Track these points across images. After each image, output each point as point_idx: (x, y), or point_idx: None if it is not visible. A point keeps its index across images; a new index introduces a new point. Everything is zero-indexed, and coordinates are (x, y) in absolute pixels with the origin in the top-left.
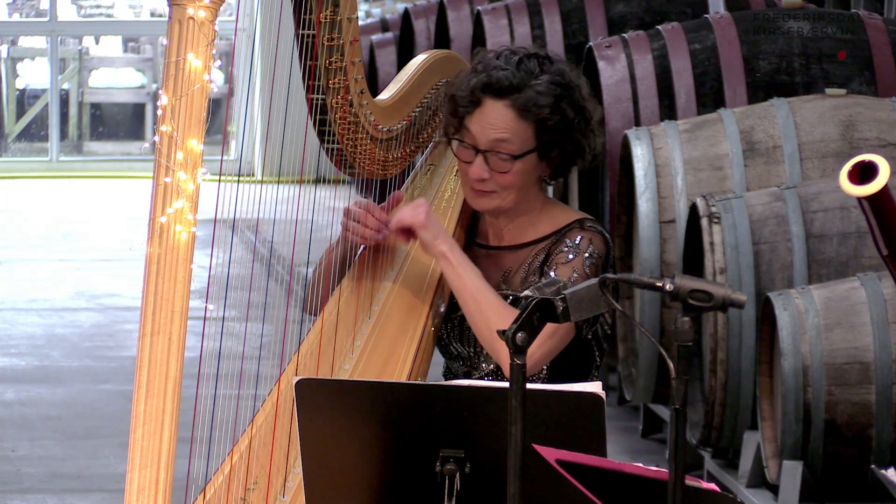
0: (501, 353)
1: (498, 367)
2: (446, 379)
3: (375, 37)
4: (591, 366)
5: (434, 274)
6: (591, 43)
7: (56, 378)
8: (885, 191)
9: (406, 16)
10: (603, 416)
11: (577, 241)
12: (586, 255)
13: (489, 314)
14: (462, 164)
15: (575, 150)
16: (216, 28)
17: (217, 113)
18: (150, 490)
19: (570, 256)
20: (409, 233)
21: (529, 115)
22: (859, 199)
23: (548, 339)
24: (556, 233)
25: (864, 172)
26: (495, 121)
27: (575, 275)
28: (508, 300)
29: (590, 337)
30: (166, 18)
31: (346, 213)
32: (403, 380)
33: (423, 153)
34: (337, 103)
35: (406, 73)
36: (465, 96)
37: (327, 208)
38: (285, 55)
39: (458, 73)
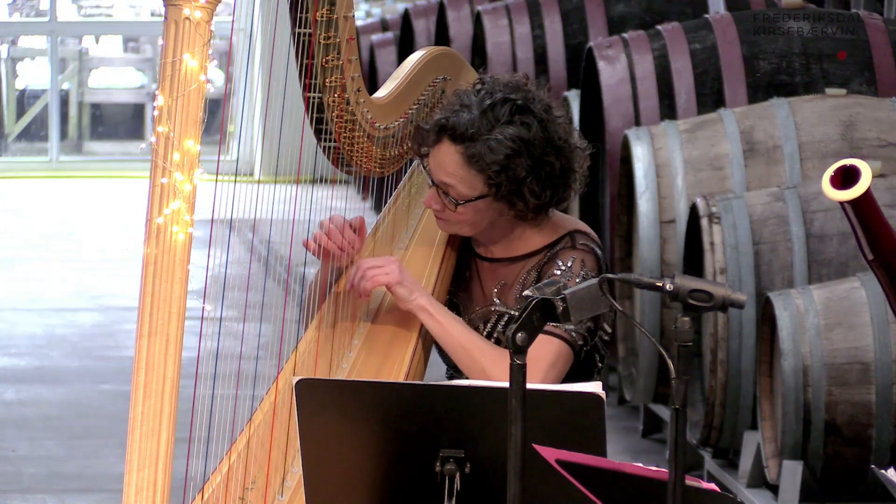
0: None
1: None
2: (449, 379)
3: (375, 37)
4: (591, 371)
5: (430, 275)
6: (591, 43)
7: (56, 378)
8: (867, 195)
9: (406, 16)
10: (603, 416)
11: (569, 265)
12: (578, 280)
13: (480, 360)
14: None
15: (530, 206)
16: (212, 28)
17: (215, 113)
18: (148, 490)
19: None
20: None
21: (476, 166)
22: (842, 203)
23: (548, 372)
24: (548, 248)
25: (846, 177)
26: (445, 164)
27: None
28: (505, 318)
29: (588, 349)
30: (163, 19)
31: (320, 226)
32: (401, 378)
33: None
34: (334, 101)
35: (403, 70)
36: (427, 130)
37: (325, 208)
38: (282, 54)
39: (455, 90)
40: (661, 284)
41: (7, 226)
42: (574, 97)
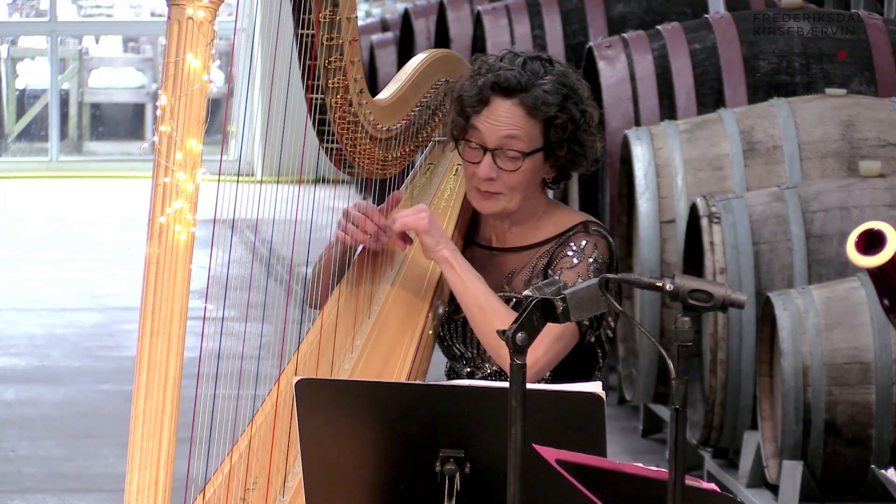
0: (507, 359)
1: (501, 369)
2: (449, 379)
3: (375, 37)
4: (593, 368)
5: (433, 275)
6: (591, 43)
7: (56, 378)
8: (893, 261)
9: (406, 16)
10: (603, 416)
11: (582, 246)
12: (591, 259)
13: (494, 320)
14: (468, 165)
15: (580, 151)
16: (215, 28)
17: (217, 113)
18: (149, 490)
19: (575, 261)
20: (407, 237)
21: (538, 113)
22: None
23: (553, 344)
24: (560, 236)
25: (870, 240)
26: (504, 118)
27: (579, 279)
28: (511, 303)
29: (593, 341)
30: (166, 18)
31: (346, 214)
32: (403, 379)
33: (422, 152)
34: (336, 103)
35: (405, 72)
36: (473, 96)
37: (327, 208)
38: (285, 55)
39: (459, 77)
40: (661, 284)
41: (7, 226)
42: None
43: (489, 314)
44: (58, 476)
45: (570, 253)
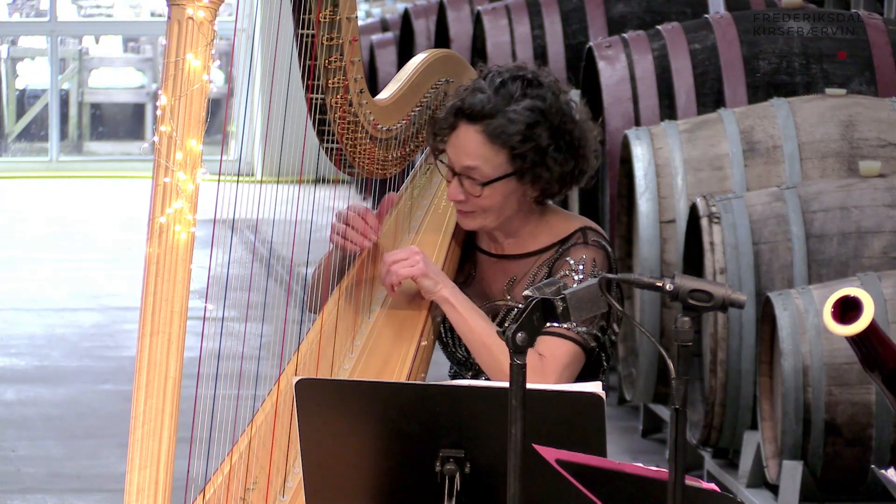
0: None
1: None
2: (453, 380)
3: (375, 37)
4: (597, 371)
5: None
6: (591, 43)
7: (56, 378)
8: (871, 327)
9: (406, 16)
10: (603, 416)
11: (581, 265)
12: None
13: (500, 358)
14: (445, 182)
15: (555, 176)
16: (215, 28)
17: (217, 113)
18: (149, 490)
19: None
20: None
21: (499, 141)
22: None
23: (563, 373)
24: (559, 244)
25: (846, 306)
26: (466, 146)
27: None
28: (512, 312)
29: (596, 347)
30: (166, 18)
31: (338, 216)
32: (403, 379)
33: (422, 152)
34: (336, 103)
35: (405, 72)
36: (442, 119)
37: (327, 208)
38: (285, 55)
39: (459, 85)
40: (661, 284)
41: (7, 226)
42: (574, 97)
43: (494, 350)
44: (58, 476)
45: (571, 272)
